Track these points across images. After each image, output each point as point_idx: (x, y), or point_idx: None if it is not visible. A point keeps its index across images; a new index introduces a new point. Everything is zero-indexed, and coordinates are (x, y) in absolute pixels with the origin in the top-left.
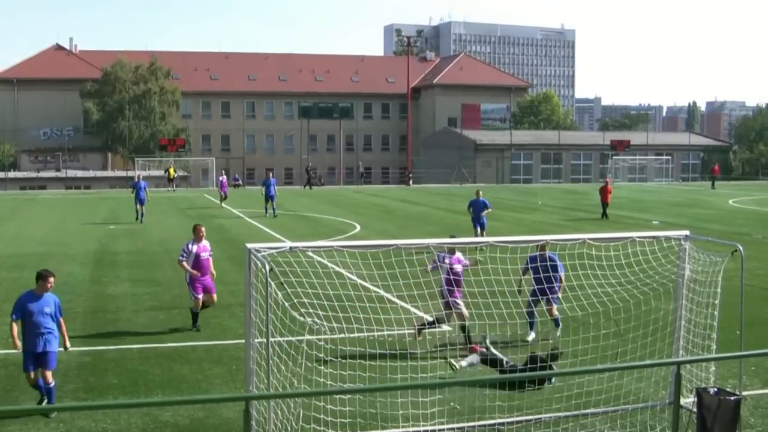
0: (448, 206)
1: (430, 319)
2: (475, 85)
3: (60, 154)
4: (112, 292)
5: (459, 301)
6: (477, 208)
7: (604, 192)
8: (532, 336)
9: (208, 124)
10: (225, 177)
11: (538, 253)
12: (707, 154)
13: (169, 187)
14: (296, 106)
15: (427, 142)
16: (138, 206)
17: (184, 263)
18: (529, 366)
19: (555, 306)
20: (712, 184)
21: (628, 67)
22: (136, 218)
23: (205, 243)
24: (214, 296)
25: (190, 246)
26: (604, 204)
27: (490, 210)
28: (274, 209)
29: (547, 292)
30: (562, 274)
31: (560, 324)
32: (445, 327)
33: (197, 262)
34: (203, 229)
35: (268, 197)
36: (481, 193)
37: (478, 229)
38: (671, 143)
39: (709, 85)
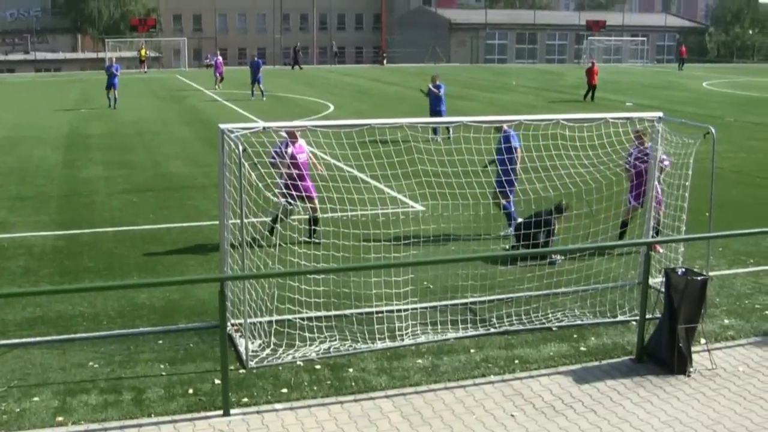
0: (422, 86)
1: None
2: None
3: (28, 35)
4: (85, 176)
5: (312, 191)
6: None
7: (590, 73)
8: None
9: (179, 4)
10: (220, 57)
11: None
12: (683, 36)
13: (141, 69)
14: None
15: (402, 21)
16: (112, 91)
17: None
18: (534, 220)
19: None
20: (680, 66)
21: None
22: (109, 105)
23: (301, 142)
24: (316, 202)
25: (283, 148)
26: (591, 86)
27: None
28: (262, 92)
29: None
30: (517, 145)
31: (514, 219)
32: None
33: (295, 165)
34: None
35: (255, 80)
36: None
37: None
38: (647, 24)
39: None
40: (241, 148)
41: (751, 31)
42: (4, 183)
